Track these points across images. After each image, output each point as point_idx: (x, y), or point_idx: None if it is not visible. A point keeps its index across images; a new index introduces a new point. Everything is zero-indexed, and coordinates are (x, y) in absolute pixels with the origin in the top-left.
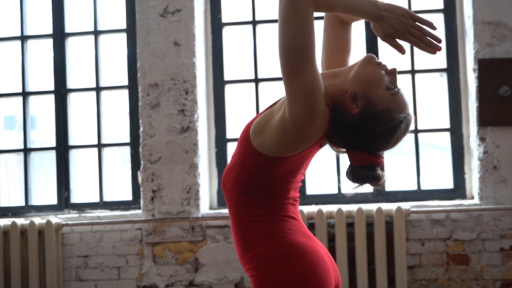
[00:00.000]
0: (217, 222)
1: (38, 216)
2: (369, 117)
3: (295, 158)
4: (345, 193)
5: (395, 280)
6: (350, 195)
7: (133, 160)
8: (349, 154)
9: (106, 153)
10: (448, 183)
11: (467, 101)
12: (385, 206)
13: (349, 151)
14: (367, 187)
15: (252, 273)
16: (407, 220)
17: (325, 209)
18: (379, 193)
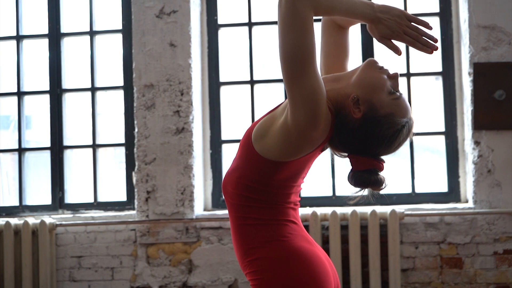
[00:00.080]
0: (211, 223)
1: (32, 216)
2: (371, 122)
3: (297, 163)
4: (348, 198)
5: (388, 283)
6: (353, 201)
7: (127, 161)
8: (350, 158)
9: (100, 153)
10: (443, 186)
11: (462, 105)
12: (379, 209)
13: (351, 155)
14: (368, 191)
15: (252, 277)
16: (401, 223)
17: (320, 211)
18: (373, 196)
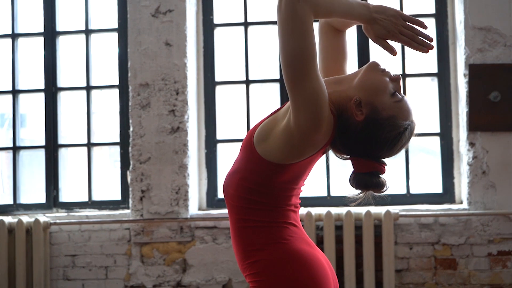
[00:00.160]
0: (205, 223)
1: (26, 215)
2: (373, 124)
3: (298, 165)
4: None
5: (382, 284)
6: (354, 203)
7: (122, 160)
8: (352, 160)
9: (95, 152)
10: (437, 187)
11: (458, 106)
12: (374, 210)
13: (352, 157)
14: (370, 193)
15: (252, 279)
16: (396, 223)
17: (314, 211)
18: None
